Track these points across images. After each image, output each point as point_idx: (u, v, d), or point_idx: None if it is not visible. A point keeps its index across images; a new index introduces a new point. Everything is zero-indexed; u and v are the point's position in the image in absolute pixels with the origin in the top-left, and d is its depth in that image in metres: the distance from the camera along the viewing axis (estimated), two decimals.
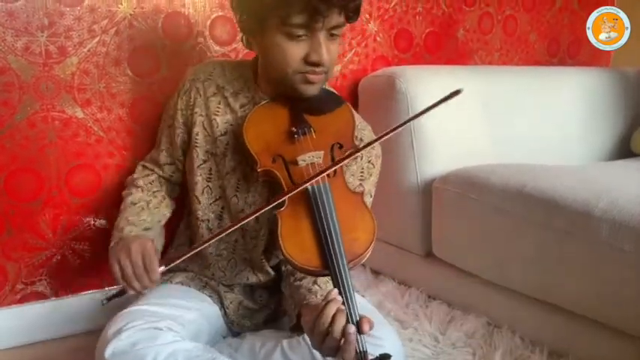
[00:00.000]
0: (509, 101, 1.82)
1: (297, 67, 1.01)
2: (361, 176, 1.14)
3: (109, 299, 1.01)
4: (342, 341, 0.85)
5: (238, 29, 1.11)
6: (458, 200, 1.51)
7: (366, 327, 0.86)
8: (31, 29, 1.27)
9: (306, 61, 1.00)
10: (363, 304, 1.09)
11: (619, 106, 2.08)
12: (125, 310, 1.05)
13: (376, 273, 1.77)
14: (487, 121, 1.75)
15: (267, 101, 1.10)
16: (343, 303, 0.88)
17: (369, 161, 1.15)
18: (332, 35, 1.01)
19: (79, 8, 1.31)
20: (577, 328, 1.29)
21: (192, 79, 1.18)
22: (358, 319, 0.87)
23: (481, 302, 1.49)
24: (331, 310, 0.86)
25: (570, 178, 1.39)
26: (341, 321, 0.86)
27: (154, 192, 1.23)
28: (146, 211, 1.17)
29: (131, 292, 1.02)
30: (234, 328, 1.21)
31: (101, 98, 1.37)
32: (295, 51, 0.99)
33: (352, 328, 0.85)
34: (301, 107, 1.07)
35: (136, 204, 1.18)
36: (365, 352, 0.86)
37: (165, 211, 1.23)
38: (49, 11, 1.28)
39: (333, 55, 1.02)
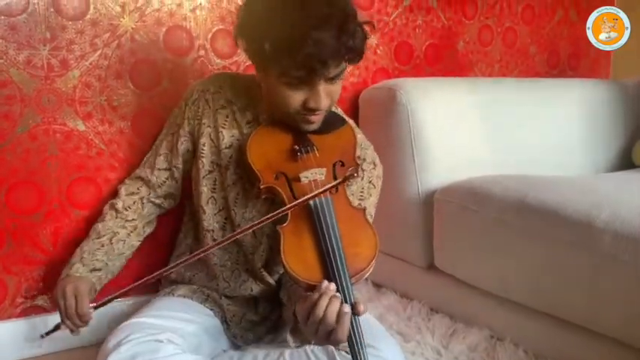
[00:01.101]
0: (509, 113, 1.82)
1: (296, 110, 1.02)
2: (361, 196, 1.15)
3: (48, 333, 1.15)
4: (337, 322, 0.86)
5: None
6: (459, 212, 1.50)
7: (360, 307, 0.88)
8: (33, 42, 1.27)
9: (305, 106, 1.01)
10: (364, 317, 1.09)
11: (619, 118, 2.09)
12: (125, 323, 1.05)
13: (378, 286, 1.76)
14: (488, 133, 1.75)
15: (271, 121, 1.11)
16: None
17: (370, 181, 1.16)
18: (332, 79, 1.01)
19: (81, 22, 1.31)
20: (580, 340, 1.28)
21: (202, 90, 1.18)
22: (353, 302, 0.89)
23: (484, 315, 1.48)
24: (325, 300, 0.87)
25: (571, 189, 1.39)
26: (335, 305, 0.86)
27: (126, 221, 1.24)
28: (105, 248, 1.19)
29: (64, 329, 1.12)
30: (237, 342, 1.21)
31: (102, 111, 1.37)
32: (295, 97, 1.01)
33: (347, 307, 0.87)
34: None
35: (100, 237, 1.20)
36: (361, 334, 0.88)
37: (133, 242, 1.25)
38: (51, 25, 1.28)
39: (334, 96, 1.04)
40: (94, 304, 1.10)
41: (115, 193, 1.30)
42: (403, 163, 1.62)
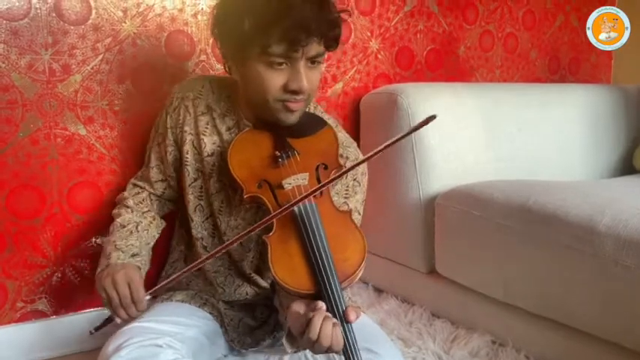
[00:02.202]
0: (510, 118, 1.82)
1: (276, 95, 1.01)
2: (346, 194, 1.14)
3: (97, 329, 1.03)
4: (331, 340, 0.85)
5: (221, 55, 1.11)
6: (461, 217, 1.50)
7: (352, 316, 0.88)
8: (35, 47, 1.28)
9: (286, 89, 1.00)
10: (365, 322, 1.08)
11: (621, 123, 2.09)
12: (125, 327, 1.04)
13: (379, 291, 1.76)
14: (489, 138, 1.75)
15: (250, 128, 1.10)
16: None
17: (355, 179, 1.15)
18: (313, 63, 1.01)
19: (82, 27, 1.32)
20: (582, 345, 1.28)
21: (182, 97, 1.17)
22: (344, 309, 0.89)
23: (485, 320, 1.47)
24: (318, 321, 0.86)
25: (573, 194, 1.39)
26: (328, 326, 0.86)
27: (143, 212, 1.21)
28: (134, 235, 1.15)
29: (118, 321, 1.03)
30: (236, 347, 1.20)
31: (104, 116, 1.37)
32: (275, 79, 1.00)
33: (339, 326, 0.87)
34: (284, 131, 1.07)
35: (125, 226, 1.16)
36: (354, 343, 0.88)
37: (154, 232, 1.21)
38: (53, 29, 1.29)
39: (313, 83, 1.03)
40: (150, 291, 1.03)
41: (113, 203, 1.29)
42: (404, 168, 1.62)
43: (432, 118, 0.86)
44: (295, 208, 0.96)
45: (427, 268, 1.64)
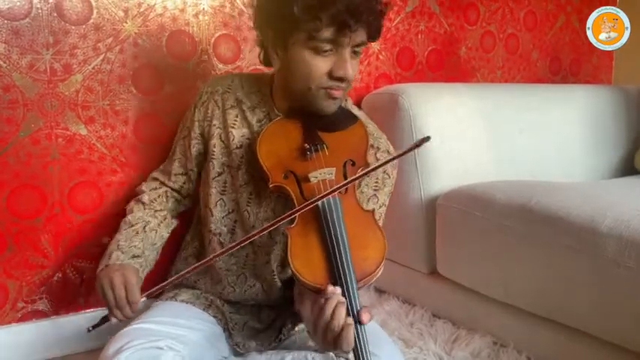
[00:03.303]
0: (512, 119, 1.82)
1: (321, 82, 1.01)
2: (375, 186, 1.14)
3: (94, 327, 1.06)
4: (341, 331, 0.85)
5: (257, 45, 1.12)
6: (462, 217, 1.50)
7: (365, 317, 0.87)
8: (36, 47, 1.27)
9: (331, 76, 1.01)
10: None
11: (622, 124, 2.08)
12: (126, 329, 1.04)
13: (380, 291, 1.76)
14: (490, 139, 1.75)
15: (281, 117, 1.11)
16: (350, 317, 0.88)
17: (385, 171, 1.15)
18: (355, 52, 1.02)
19: (84, 26, 1.32)
20: (584, 346, 1.27)
21: (211, 92, 1.18)
22: (358, 309, 0.88)
23: (486, 321, 1.47)
24: (331, 305, 0.86)
25: (575, 194, 1.39)
26: (341, 314, 0.86)
27: (155, 211, 1.22)
28: (140, 235, 1.15)
29: (114, 320, 1.05)
30: (240, 350, 1.19)
31: (105, 115, 1.37)
32: (321, 66, 1.00)
33: (350, 320, 0.86)
34: (315, 124, 1.07)
35: (132, 225, 1.16)
36: (366, 345, 0.87)
37: (163, 232, 1.22)
38: (54, 29, 1.29)
39: (355, 71, 1.04)
40: (146, 294, 1.04)
41: (124, 202, 1.29)
42: (406, 169, 1.62)
43: (427, 139, 0.88)
44: (319, 203, 0.96)
45: (428, 269, 1.64)
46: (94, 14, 1.33)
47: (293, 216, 0.96)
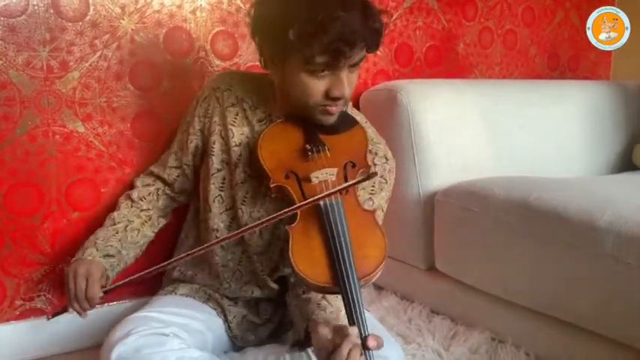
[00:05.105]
0: (510, 114, 1.82)
1: (317, 101, 1.02)
2: (372, 190, 1.14)
3: (54, 315, 1.16)
4: None
5: (257, 50, 1.10)
6: (460, 213, 1.50)
7: (371, 343, 0.86)
8: (33, 44, 1.27)
9: (327, 96, 1.01)
10: (367, 318, 1.08)
11: (620, 120, 2.09)
12: (130, 317, 1.06)
13: (379, 288, 1.76)
14: (488, 135, 1.75)
15: (283, 119, 1.11)
16: (353, 321, 0.88)
17: (382, 176, 1.15)
18: (353, 67, 1.01)
19: (80, 23, 1.31)
20: (582, 342, 1.28)
21: (213, 88, 1.18)
22: (366, 334, 0.87)
23: (485, 317, 1.47)
24: (346, 348, 0.85)
25: (573, 190, 1.39)
26: (355, 357, 0.85)
27: (141, 210, 1.23)
28: (119, 235, 1.18)
29: (72, 312, 1.10)
30: (238, 343, 1.20)
31: (102, 113, 1.37)
32: (317, 86, 1.00)
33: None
34: (316, 126, 1.08)
35: (115, 224, 1.20)
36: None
37: (147, 232, 1.24)
38: (50, 26, 1.28)
39: (353, 85, 1.04)
40: (105, 289, 1.09)
41: (130, 186, 1.31)
42: (404, 165, 1.62)
43: (374, 174, 0.94)
44: (321, 203, 0.97)
45: (427, 265, 1.64)
46: (91, 11, 1.32)
47: (294, 214, 0.96)
